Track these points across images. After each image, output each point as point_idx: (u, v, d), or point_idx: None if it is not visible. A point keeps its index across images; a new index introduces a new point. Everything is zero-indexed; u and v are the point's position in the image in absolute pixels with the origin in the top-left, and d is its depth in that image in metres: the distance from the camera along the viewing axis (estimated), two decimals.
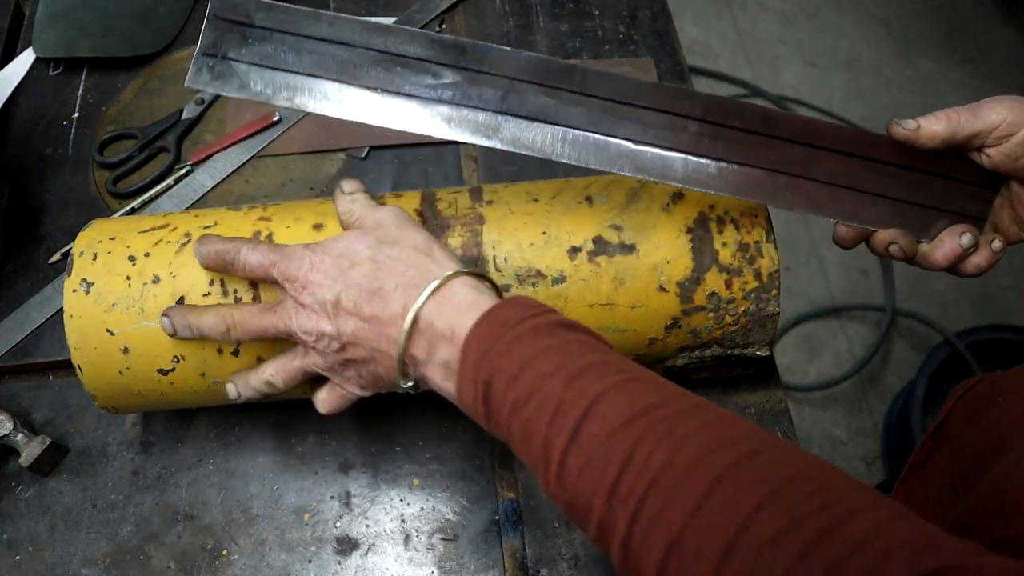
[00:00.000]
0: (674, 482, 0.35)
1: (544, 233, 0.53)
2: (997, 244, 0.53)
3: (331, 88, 0.49)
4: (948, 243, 0.52)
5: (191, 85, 0.49)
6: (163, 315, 0.50)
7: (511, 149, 0.50)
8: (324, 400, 0.51)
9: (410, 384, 0.47)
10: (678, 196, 0.55)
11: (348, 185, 0.52)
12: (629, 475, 0.36)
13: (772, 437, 0.37)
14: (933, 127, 0.50)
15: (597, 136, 0.50)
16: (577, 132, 0.50)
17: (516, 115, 0.50)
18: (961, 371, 1.46)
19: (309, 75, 0.49)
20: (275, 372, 0.50)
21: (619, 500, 0.36)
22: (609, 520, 0.37)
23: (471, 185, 0.61)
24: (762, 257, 0.53)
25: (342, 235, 0.48)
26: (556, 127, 0.50)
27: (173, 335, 0.50)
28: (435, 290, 0.44)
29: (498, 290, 0.47)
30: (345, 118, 0.49)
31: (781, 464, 0.35)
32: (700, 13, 2.12)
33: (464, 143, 0.49)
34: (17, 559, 0.56)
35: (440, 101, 0.49)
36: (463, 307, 0.43)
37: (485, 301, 0.44)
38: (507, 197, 0.55)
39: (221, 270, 0.50)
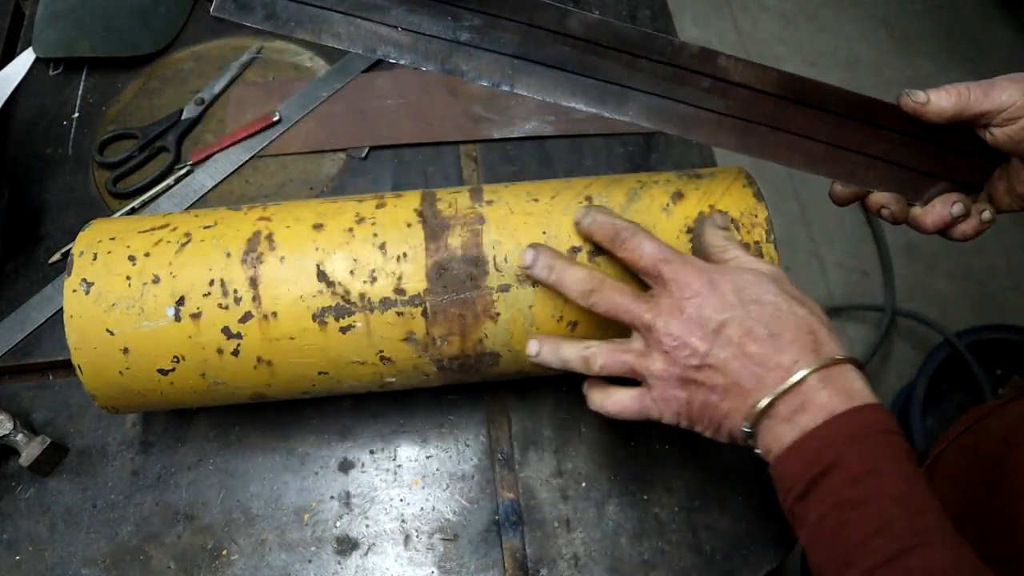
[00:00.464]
0: None
1: (544, 233, 0.53)
2: (987, 215, 0.54)
3: (353, 24, 0.49)
4: (939, 210, 0.53)
5: (216, 14, 0.48)
6: (530, 247, 0.50)
7: (524, 93, 0.50)
8: (621, 401, 0.49)
9: (748, 430, 0.45)
10: (678, 196, 0.55)
11: (721, 219, 0.51)
12: None
13: None
14: (942, 103, 0.50)
15: (611, 86, 0.50)
16: (590, 81, 0.50)
17: (533, 61, 0.50)
18: (961, 371, 1.46)
19: (333, 10, 0.49)
20: (600, 353, 0.48)
21: None
22: None
23: (471, 185, 0.61)
24: (762, 257, 0.53)
25: (744, 270, 0.47)
26: (571, 75, 0.50)
27: (528, 268, 0.50)
28: (828, 364, 0.44)
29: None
30: (365, 54, 0.50)
31: None
32: (700, 13, 2.13)
33: (481, 81, 0.49)
34: (17, 559, 0.56)
35: (458, 43, 0.49)
36: (854, 394, 0.43)
37: (869, 398, 0.43)
38: (507, 197, 0.55)
39: (605, 242, 0.50)
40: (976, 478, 0.53)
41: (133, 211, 0.71)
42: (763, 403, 0.44)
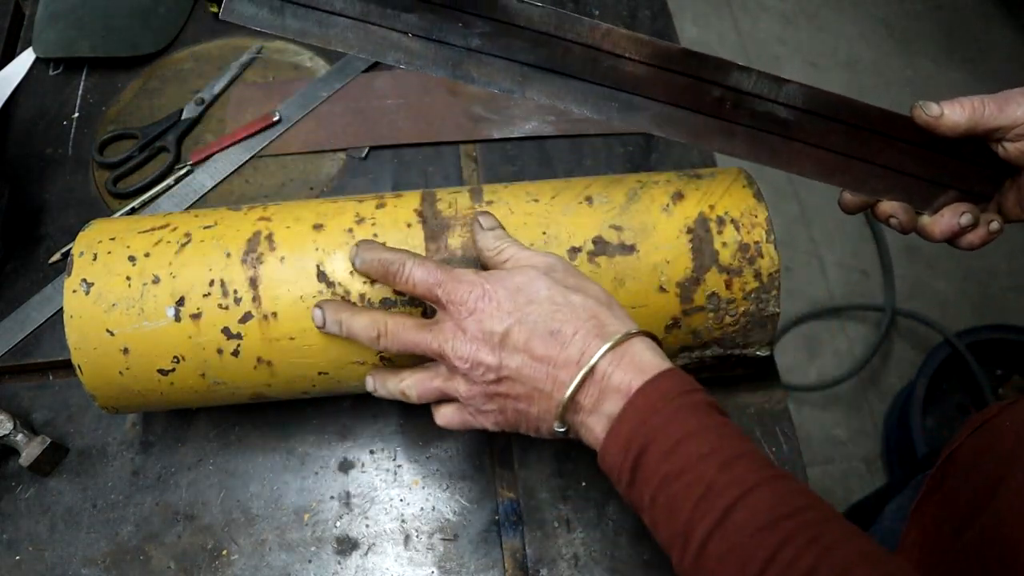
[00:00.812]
0: None
1: (544, 233, 0.53)
2: (995, 225, 0.54)
3: (364, 29, 0.49)
4: (948, 219, 0.53)
5: (225, 18, 0.48)
6: (316, 307, 0.50)
7: (535, 100, 0.51)
8: (447, 415, 0.50)
9: (562, 430, 0.46)
10: (678, 196, 0.55)
11: (487, 220, 0.51)
12: (771, 574, 0.37)
13: (903, 560, 0.38)
14: (955, 117, 0.49)
15: (621, 93, 0.51)
16: (600, 88, 0.51)
17: (543, 68, 0.50)
18: (961, 371, 1.46)
19: (342, 15, 0.49)
20: (412, 385, 0.50)
21: None
22: None
23: (471, 185, 0.61)
24: (762, 257, 0.53)
25: (516, 270, 0.47)
26: (581, 82, 0.51)
27: (321, 328, 0.50)
28: (616, 344, 0.44)
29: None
30: (375, 59, 0.50)
31: None
32: (700, 13, 2.12)
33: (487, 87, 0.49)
34: (17, 559, 0.56)
35: (469, 49, 0.49)
36: (645, 366, 0.44)
37: (662, 365, 0.44)
38: (507, 197, 0.55)
39: (380, 279, 0.50)
40: (989, 474, 0.53)
41: (133, 211, 0.71)
42: (564, 400, 0.44)
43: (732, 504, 0.39)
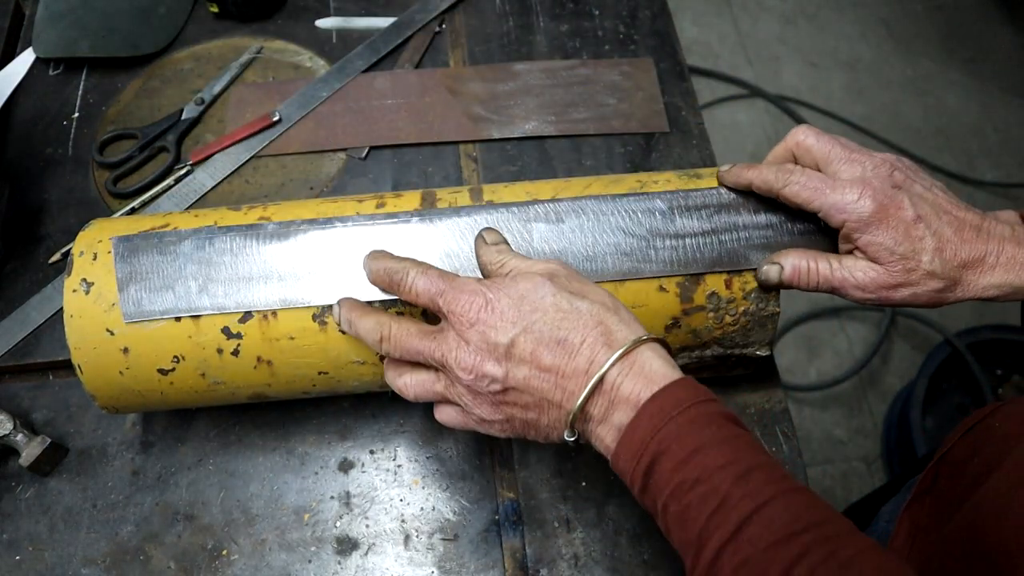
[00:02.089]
0: None
1: None
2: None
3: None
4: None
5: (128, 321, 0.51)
6: (336, 303, 0.50)
7: None
8: (450, 415, 0.49)
9: (573, 438, 0.46)
10: None
11: (491, 236, 0.50)
12: None
13: (911, 568, 0.38)
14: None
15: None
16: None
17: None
18: (961, 371, 1.46)
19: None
20: (411, 384, 0.49)
21: None
22: None
23: (471, 185, 0.61)
24: None
25: (519, 277, 0.46)
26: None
27: (337, 323, 0.50)
28: (624, 353, 0.44)
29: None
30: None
31: None
32: (700, 13, 2.12)
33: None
34: (17, 559, 0.56)
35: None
36: (655, 376, 0.43)
37: (673, 374, 0.44)
38: (507, 197, 0.55)
39: (387, 289, 0.49)
40: (978, 471, 0.53)
41: (133, 211, 0.71)
42: (574, 411, 0.44)
43: (747, 517, 0.38)
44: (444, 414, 0.50)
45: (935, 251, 0.49)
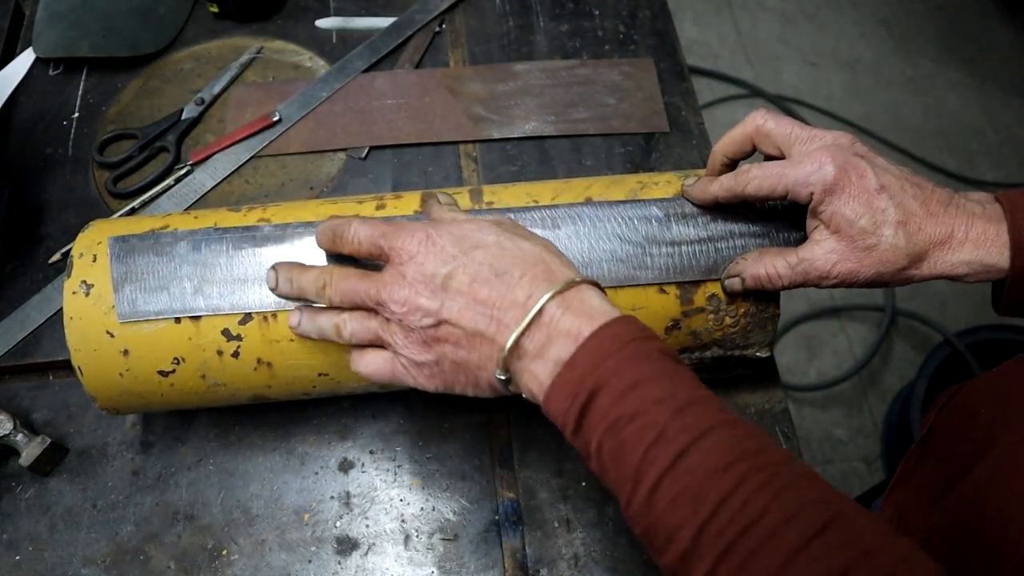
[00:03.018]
0: (767, 533, 0.36)
1: None
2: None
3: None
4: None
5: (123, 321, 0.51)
6: (270, 268, 0.50)
7: None
8: (373, 363, 0.49)
9: (504, 378, 0.45)
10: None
11: (444, 197, 0.51)
12: (723, 515, 0.37)
13: (854, 502, 0.38)
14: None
15: None
16: None
17: None
18: (961, 371, 1.46)
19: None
20: (350, 320, 0.48)
21: (708, 538, 0.37)
22: (694, 554, 0.37)
23: (471, 185, 0.61)
24: None
25: (464, 220, 0.47)
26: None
27: (274, 289, 0.50)
28: (564, 288, 0.43)
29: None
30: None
31: (866, 529, 0.36)
32: (700, 13, 2.12)
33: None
34: (17, 559, 0.56)
35: None
36: (595, 312, 0.43)
37: (613, 312, 0.43)
38: (507, 198, 0.55)
39: (332, 246, 0.49)
40: (966, 460, 0.54)
41: (133, 211, 0.71)
42: (509, 343, 0.43)
43: (685, 448, 0.38)
44: (368, 363, 0.49)
45: (898, 224, 0.48)
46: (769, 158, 0.52)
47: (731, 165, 0.54)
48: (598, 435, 0.41)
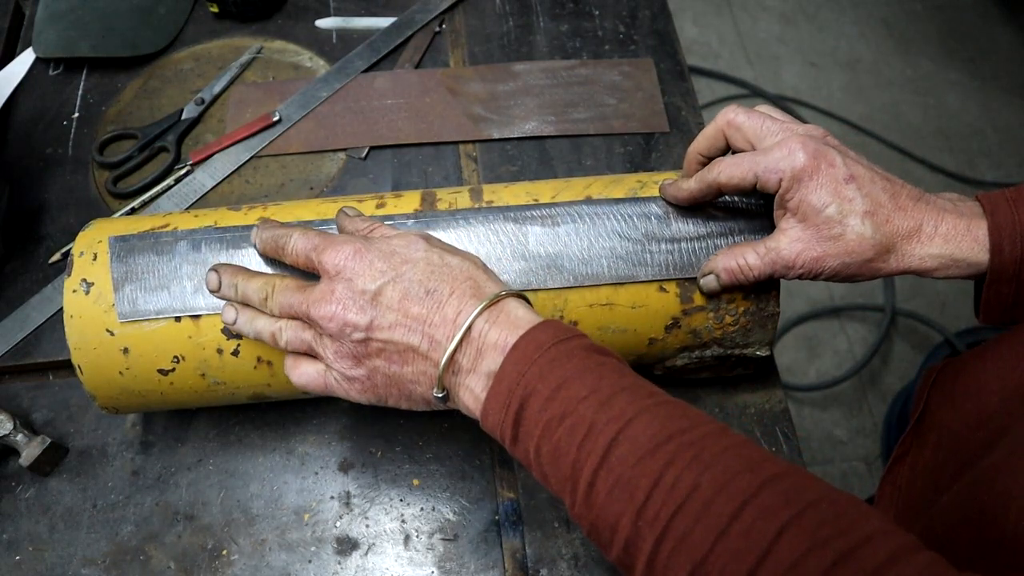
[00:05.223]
0: (701, 505, 0.36)
1: None
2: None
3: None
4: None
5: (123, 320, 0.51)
6: (211, 270, 0.50)
7: None
8: (306, 373, 0.49)
9: (441, 395, 0.46)
10: None
11: (350, 210, 0.51)
12: (657, 497, 0.37)
13: (790, 463, 0.38)
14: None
15: None
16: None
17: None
18: None
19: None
20: (287, 329, 0.48)
21: (646, 522, 0.37)
22: (635, 541, 0.37)
23: (471, 185, 0.61)
24: None
25: (393, 236, 0.47)
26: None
27: (215, 292, 0.50)
28: (491, 304, 0.44)
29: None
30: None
31: (802, 489, 0.36)
32: (700, 13, 2.12)
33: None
34: (17, 559, 0.56)
35: None
36: (520, 322, 0.43)
37: (535, 319, 0.44)
38: (507, 197, 0.55)
39: (274, 255, 0.50)
40: (975, 449, 0.54)
41: (133, 211, 0.71)
42: (443, 360, 0.44)
43: (613, 439, 0.39)
44: (301, 373, 0.49)
45: (865, 214, 0.48)
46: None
47: (707, 163, 0.54)
48: (534, 442, 0.41)
